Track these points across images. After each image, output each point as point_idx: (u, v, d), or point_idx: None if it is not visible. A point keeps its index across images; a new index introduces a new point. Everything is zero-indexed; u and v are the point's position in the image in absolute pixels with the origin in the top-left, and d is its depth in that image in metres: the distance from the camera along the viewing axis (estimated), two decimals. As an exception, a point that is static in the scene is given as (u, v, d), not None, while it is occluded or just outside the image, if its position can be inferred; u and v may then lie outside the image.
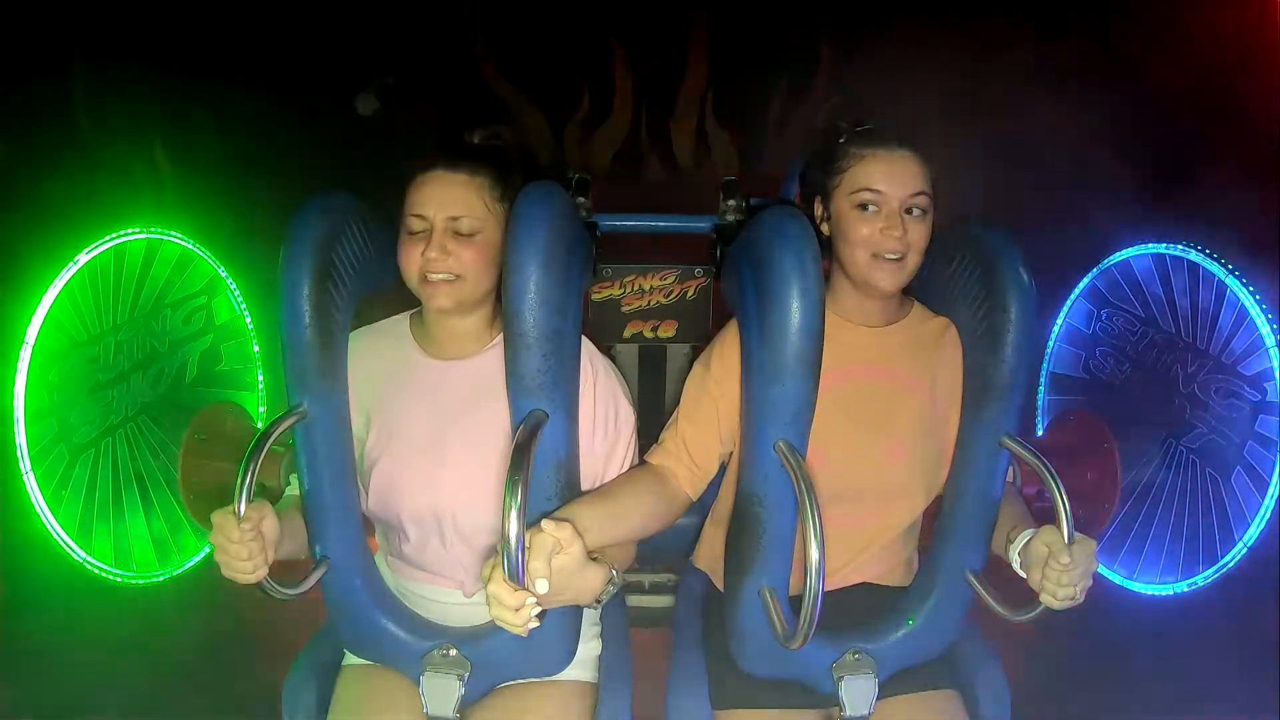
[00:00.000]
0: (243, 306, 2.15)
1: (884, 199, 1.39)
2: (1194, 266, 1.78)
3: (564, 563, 1.20)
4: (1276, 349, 1.62)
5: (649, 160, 3.21)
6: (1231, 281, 1.69)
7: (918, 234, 1.39)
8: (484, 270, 1.37)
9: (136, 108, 1.90)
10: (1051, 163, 2.17)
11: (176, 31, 1.93)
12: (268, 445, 1.28)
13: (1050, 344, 2.18)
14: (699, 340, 2.04)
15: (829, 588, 1.19)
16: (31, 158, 1.59)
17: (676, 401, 1.51)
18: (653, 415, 1.56)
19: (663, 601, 2.11)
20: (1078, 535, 1.27)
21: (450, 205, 1.35)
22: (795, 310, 1.25)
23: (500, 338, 1.38)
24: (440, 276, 1.35)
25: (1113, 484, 1.91)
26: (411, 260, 1.36)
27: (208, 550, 1.96)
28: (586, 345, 1.43)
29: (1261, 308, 1.64)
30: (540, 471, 1.29)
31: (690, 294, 2.03)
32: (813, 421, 1.33)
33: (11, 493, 1.54)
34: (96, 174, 1.78)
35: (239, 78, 2.19)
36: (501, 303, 1.32)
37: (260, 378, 2.22)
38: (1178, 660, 1.77)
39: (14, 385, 1.52)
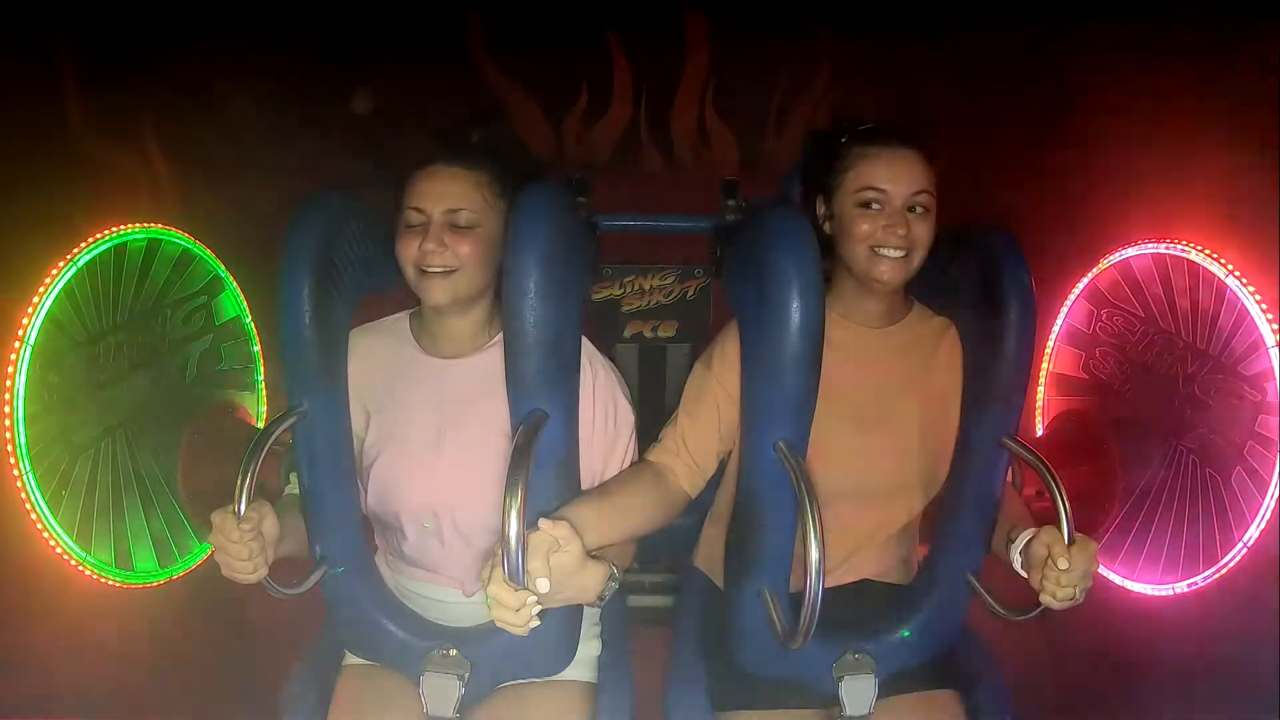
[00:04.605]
0: (243, 306, 2.15)
1: (887, 198, 1.39)
2: (1194, 266, 1.78)
3: (563, 561, 1.20)
4: (1276, 349, 1.62)
5: (648, 154, 3.19)
6: (1231, 281, 1.69)
7: (921, 231, 1.40)
8: (481, 264, 1.37)
9: (137, 105, 1.90)
10: (1052, 161, 2.17)
11: (176, 28, 1.93)
12: (268, 445, 1.28)
13: (1050, 344, 2.18)
14: (699, 340, 2.04)
15: (826, 585, 1.19)
16: (30, 156, 1.59)
17: (676, 401, 1.51)
18: (653, 415, 1.56)
19: (663, 601, 2.11)
20: (1078, 536, 1.28)
21: (448, 199, 1.36)
22: (795, 310, 1.25)
23: (499, 337, 1.38)
24: (436, 269, 1.35)
25: (1113, 484, 1.91)
26: (408, 252, 1.36)
27: (208, 550, 1.95)
28: (586, 345, 1.43)
29: (1261, 308, 1.64)
30: (540, 472, 1.29)
31: (690, 294, 2.03)
32: (813, 421, 1.33)
33: (10, 493, 1.54)
34: (97, 172, 1.77)
35: (240, 75, 2.19)
36: (500, 302, 1.32)
37: (260, 378, 2.22)
38: (1178, 660, 1.77)
39: (13, 385, 1.52)
